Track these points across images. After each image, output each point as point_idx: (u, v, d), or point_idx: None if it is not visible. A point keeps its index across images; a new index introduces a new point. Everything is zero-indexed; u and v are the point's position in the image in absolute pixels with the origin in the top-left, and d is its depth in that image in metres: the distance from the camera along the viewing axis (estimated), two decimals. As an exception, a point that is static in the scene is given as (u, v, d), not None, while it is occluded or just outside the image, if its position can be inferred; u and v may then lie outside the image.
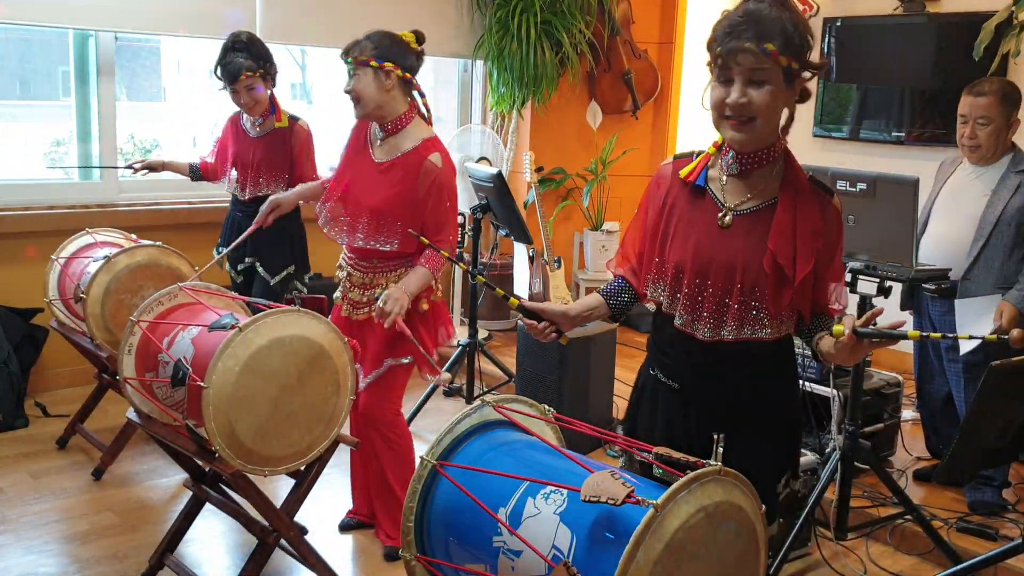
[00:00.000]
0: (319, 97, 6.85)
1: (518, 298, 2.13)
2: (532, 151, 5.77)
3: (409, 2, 5.52)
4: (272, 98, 4.00)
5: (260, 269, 4.05)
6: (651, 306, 2.11)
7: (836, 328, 1.78)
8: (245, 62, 3.85)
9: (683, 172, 2.00)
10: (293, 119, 4.03)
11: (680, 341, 2.00)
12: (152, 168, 4.22)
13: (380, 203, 3.01)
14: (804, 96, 1.93)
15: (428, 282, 3.04)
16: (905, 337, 1.74)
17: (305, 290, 4.11)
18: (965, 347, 3.37)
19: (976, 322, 3.32)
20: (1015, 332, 1.63)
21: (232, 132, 4.13)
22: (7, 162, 5.28)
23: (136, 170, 4.21)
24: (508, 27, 5.66)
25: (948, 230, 3.50)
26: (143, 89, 6.73)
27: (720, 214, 1.94)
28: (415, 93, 3.10)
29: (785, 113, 1.92)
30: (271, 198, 3.68)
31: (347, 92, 3.01)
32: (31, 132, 5.92)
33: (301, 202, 3.83)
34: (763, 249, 1.90)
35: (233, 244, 3.92)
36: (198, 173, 4.24)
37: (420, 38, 3.07)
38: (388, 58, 2.97)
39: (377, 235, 3.03)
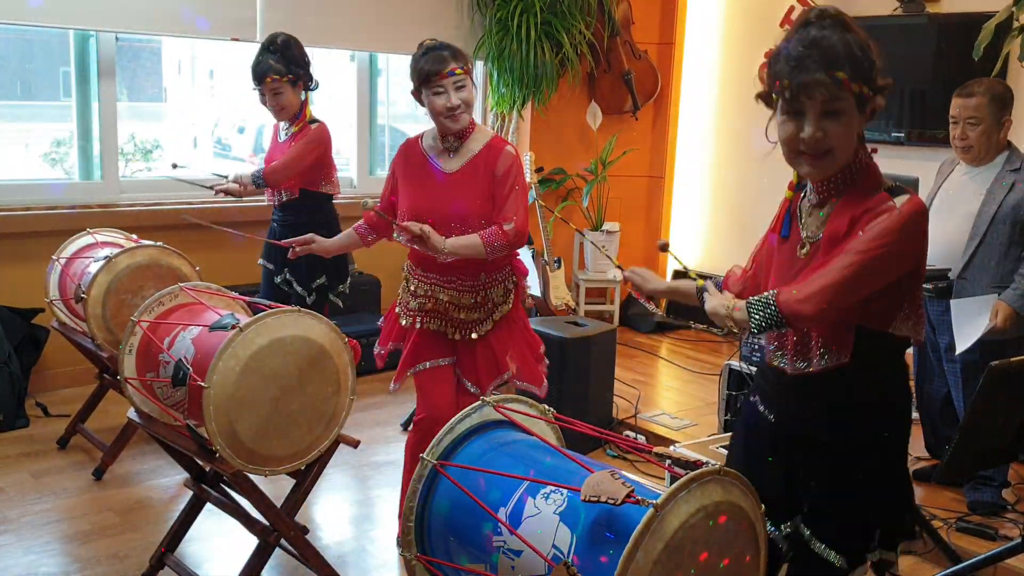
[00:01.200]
0: (319, 97, 6.84)
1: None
2: (532, 151, 5.77)
3: (409, 3, 5.53)
4: (303, 105, 3.97)
5: (297, 288, 3.98)
6: None
7: None
8: (275, 65, 3.83)
9: (771, 224, 1.96)
10: (311, 122, 3.98)
11: (771, 369, 1.93)
12: (231, 193, 4.11)
13: (464, 208, 2.93)
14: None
15: (473, 246, 2.87)
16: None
17: (340, 303, 4.04)
18: (960, 347, 3.38)
19: (972, 322, 3.32)
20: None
21: (272, 139, 4.13)
22: (7, 162, 5.28)
23: (217, 191, 4.12)
24: (508, 28, 5.66)
25: (945, 230, 3.50)
26: (144, 89, 6.73)
27: (799, 245, 1.87)
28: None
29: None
30: (309, 235, 3.21)
31: (456, 105, 2.89)
32: (32, 132, 5.92)
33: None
34: None
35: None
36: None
37: None
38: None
39: None
